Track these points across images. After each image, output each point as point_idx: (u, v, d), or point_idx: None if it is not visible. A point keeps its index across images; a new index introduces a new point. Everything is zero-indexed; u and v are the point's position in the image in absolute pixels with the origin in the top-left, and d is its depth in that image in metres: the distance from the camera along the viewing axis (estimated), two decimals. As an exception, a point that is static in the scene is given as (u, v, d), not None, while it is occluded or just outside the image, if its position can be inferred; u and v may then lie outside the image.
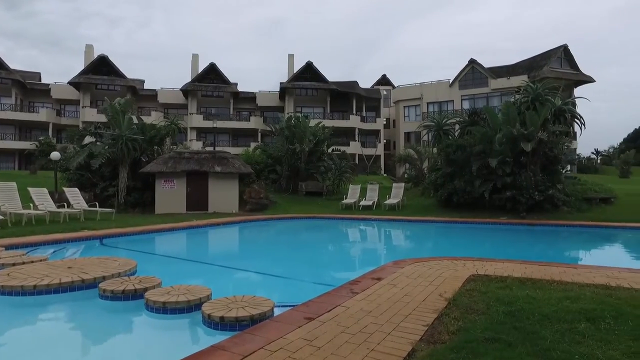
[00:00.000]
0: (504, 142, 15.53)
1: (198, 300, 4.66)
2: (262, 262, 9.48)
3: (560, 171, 16.40)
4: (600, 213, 15.29)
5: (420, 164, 25.40)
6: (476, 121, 19.37)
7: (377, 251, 11.90)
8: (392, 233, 15.45)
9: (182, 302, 4.60)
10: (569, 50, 43.37)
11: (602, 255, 10.73)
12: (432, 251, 11.43)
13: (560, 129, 16.37)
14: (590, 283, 5.42)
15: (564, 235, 13.34)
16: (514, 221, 14.68)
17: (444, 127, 21.75)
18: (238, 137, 49.62)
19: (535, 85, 18.17)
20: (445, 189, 17.05)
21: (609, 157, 55.63)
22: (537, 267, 6.44)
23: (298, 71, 48.41)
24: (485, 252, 10.69)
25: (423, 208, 18.49)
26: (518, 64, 45.94)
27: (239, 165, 20.10)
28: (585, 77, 43.13)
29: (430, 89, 48.62)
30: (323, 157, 25.58)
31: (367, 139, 52.04)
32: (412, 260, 6.94)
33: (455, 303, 4.50)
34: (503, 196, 15.37)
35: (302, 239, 14.22)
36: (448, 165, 17.40)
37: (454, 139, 19.18)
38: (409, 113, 51.00)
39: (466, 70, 46.23)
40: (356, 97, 50.23)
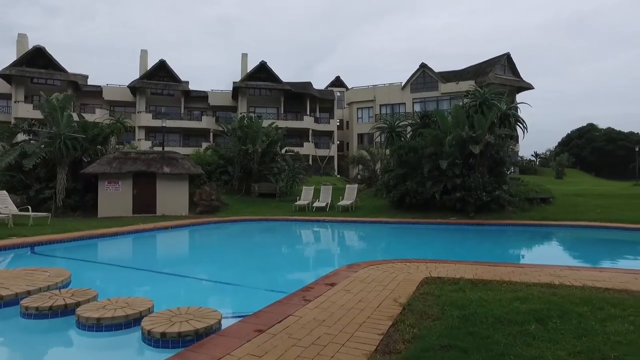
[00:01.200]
0: (454, 144, 15.97)
1: (138, 315, 4.27)
2: (211, 268, 9.06)
3: (506, 173, 17.11)
4: (541, 212, 16.07)
5: (373, 165, 25.69)
6: (427, 124, 19.82)
7: (331, 254, 11.73)
8: (345, 235, 15.42)
9: (120, 317, 4.20)
10: (511, 58, 45.68)
11: (545, 253, 11.24)
12: (385, 253, 11.43)
13: (506, 133, 17.08)
14: (536, 282, 5.56)
15: (509, 234, 13.88)
16: (464, 221, 15.11)
17: (396, 129, 22.11)
18: (189, 137, 48.14)
19: (482, 90, 18.87)
20: (398, 190, 17.29)
21: (546, 160, 59.17)
22: (487, 268, 6.55)
23: (252, 71, 47.69)
24: (438, 253, 10.89)
25: (376, 209, 18.65)
26: (465, 69, 47.75)
27: (189, 166, 19.37)
28: (526, 84, 45.59)
29: (383, 91, 49.49)
30: (276, 158, 25.26)
31: (321, 140, 52.17)
32: (366, 264, 6.86)
33: (410, 308, 4.42)
34: (453, 197, 15.78)
35: (254, 242, 13.84)
36: (400, 167, 17.66)
37: (406, 141, 19.52)
38: (362, 115, 51.65)
39: (417, 74, 47.47)
40: (310, 98, 50.22)
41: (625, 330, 3.75)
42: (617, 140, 62.59)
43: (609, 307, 4.42)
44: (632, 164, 53.62)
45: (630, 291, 5.20)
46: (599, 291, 5.19)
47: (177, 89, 46.38)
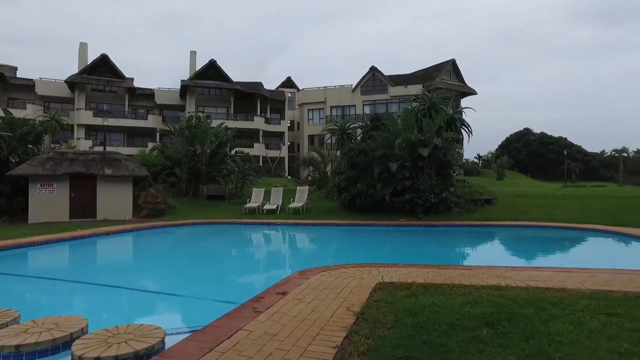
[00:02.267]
0: (404, 147, 16.28)
1: (68, 337, 3.82)
2: (156, 277, 8.50)
3: (453, 175, 17.69)
4: (485, 213, 16.75)
5: (324, 167, 25.72)
6: (377, 126, 20.10)
7: (282, 260, 11.45)
8: (297, 238, 15.25)
9: (45, 341, 3.70)
10: (456, 64, 47.58)
11: (491, 254, 11.63)
12: (337, 257, 11.35)
13: (452, 136, 17.66)
14: (484, 285, 5.68)
15: (457, 235, 14.31)
16: (413, 223, 15.43)
17: (347, 131, 22.26)
18: (134, 137, 45.98)
19: (430, 95, 19.42)
20: (349, 192, 17.38)
21: (487, 162, 62.24)
22: (437, 271, 6.64)
23: (201, 69, 46.35)
24: (389, 256, 10.99)
25: (327, 211, 18.64)
26: (414, 73, 49.14)
27: (133, 167, 18.40)
28: (470, 89, 47.68)
29: (333, 93, 49.84)
30: (226, 159, 24.64)
31: (272, 141, 51.70)
32: (318, 270, 6.73)
33: (364, 317, 4.33)
34: (403, 199, 16.07)
35: (202, 248, 13.29)
36: (351, 169, 17.77)
37: (357, 143, 19.69)
38: (313, 116, 51.74)
39: (367, 76, 48.24)
40: (261, 99, 49.61)
41: (566, 330, 3.89)
42: (549, 144, 67.05)
43: (550, 307, 4.58)
44: (561, 166, 57.68)
45: (566, 290, 5.45)
46: (541, 291, 5.39)
47: (120, 85, 44.11)
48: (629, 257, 10.40)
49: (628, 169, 63.13)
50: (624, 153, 69.97)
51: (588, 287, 5.65)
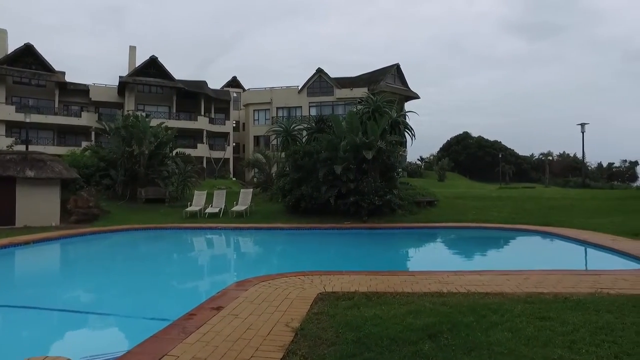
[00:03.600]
0: (348, 149, 16.29)
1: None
2: (77, 293, 7.57)
3: (396, 178, 17.97)
4: (427, 214, 17.16)
5: (269, 169, 25.30)
6: (323, 128, 20.03)
7: (221, 268, 10.80)
8: (239, 244, 14.72)
9: None
10: (400, 69, 48.88)
11: (433, 257, 11.71)
12: (280, 264, 10.96)
13: (396, 139, 17.94)
14: (427, 292, 5.63)
15: (400, 238, 14.48)
16: (357, 225, 15.44)
17: (292, 132, 22.01)
18: (66, 135, 42.97)
19: (375, 98, 19.63)
20: (293, 195, 17.13)
21: (430, 164, 64.55)
22: (381, 278, 6.53)
23: (141, 65, 44.17)
24: (333, 261, 10.84)
25: (271, 214, 18.27)
26: (359, 76, 49.87)
27: (60, 169, 16.98)
28: (413, 93, 49.16)
29: (280, 94, 49.43)
30: (166, 160, 23.51)
31: (216, 141, 50.38)
32: (257, 280, 6.39)
33: (303, 333, 4.08)
34: (347, 201, 16.07)
35: (135, 256, 12.31)
36: (296, 171, 17.54)
37: (302, 145, 19.50)
38: (259, 117, 51.06)
39: (314, 78, 48.32)
40: (205, 98, 48.20)
41: (505, 338, 3.87)
42: (486, 147, 70.80)
43: (490, 314, 4.58)
44: (496, 168, 61.11)
45: (504, 294, 5.53)
46: (481, 296, 5.42)
47: (49, 79, 41.00)
48: (557, 256, 10.99)
49: (552, 171, 68.19)
50: (549, 156, 75.51)
51: (523, 289, 5.77)
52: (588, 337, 3.87)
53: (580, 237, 11.31)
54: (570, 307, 4.83)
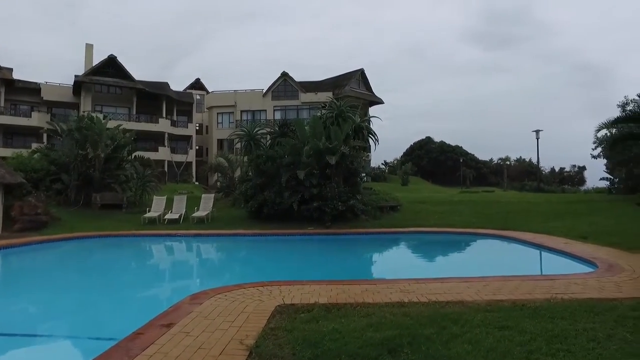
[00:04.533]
0: (312, 154, 16.16)
1: None
2: (9, 312, 6.62)
3: (360, 183, 17.97)
4: (391, 220, 17.25)
5: (231, 173, 24.80)
6: (286, 133, 19.82)
7: (176, 280, 10.16)
8: (198, 253, 14.21)
9: None
10: (365, 74, 49.39)
11: (396, 264, 11.71)
12: (240, 273, 10.54)
13: (360, 144, 17.97)
14: (388, 302, 5.53)
15: (363, 243, 14.45)
16: (321, 231, 15.31)
17: (255, 136, 21.67)
18: (13, 136, 40.65)
19: (339, 102, 19.63)
20: (256, 200, 16.81)
21: (393, 168, 65.53)
22: (341, 288, 6.39)
23: (98, 64, 42.44)
24: (296, 268, 10.62)
25: (234, 220, 17.86)
26: (324, 81, 50.02)
27: (2, 173, 15.90)
28: (377, 98, 49.77)
29: (244, 97, 48.83)
30: (124, 164, 22.58)
31: (178, 144, 49.16)
32: (213, 292, 6.10)
33: (258, 351, 3.86)
34: (310, 207, 15.91)
35: (83, 267, 11.43)
36: (258, 176, 17.24)
37: (265, 150, 19.21)
38: (223, 120, 50.26)
39: (279, 82, 48.05)
40: (167, 100, 46.92)
41: (464, 351, 3.82)
42: (448, 152, 72.68)
43: (451, 324, 4.52)
44: (458, 172, 62.84)
45: (465, 302, 5.51)
46: (442, 306, 5.37)
47: (-6, 76, 38.70)
48: (515, 260, 11.22)
49: (510, 175, 70.83)
50: (507, 161, 78.44)
51: (483, 297, 5.79)
52: (544, 346, 3.88)
53: (536, 241, 11.65)
54: (528, 315, 4.86)
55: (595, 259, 8.74)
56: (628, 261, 8.50)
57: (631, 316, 4.84)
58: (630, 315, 4.89)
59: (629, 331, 4.31)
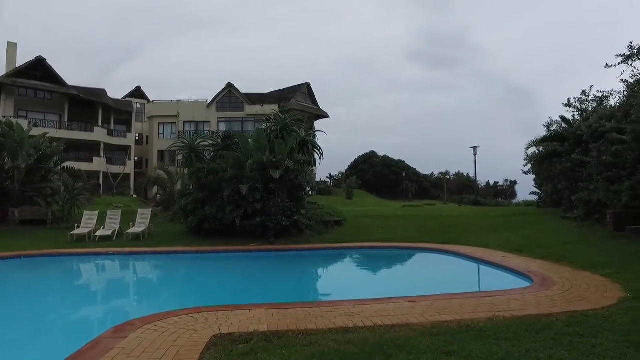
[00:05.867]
0: (255, 168, 15.71)
1: None
2: None
3: (304, 197, 17.70)
4: (335, 235, 17.09)
5: (171, 187, 23.65)
6: (229, 145, 19.22)
7: (101, 307, 8.84)
8: (130, 274, 13.11)
9: None
10: (310, 88, 49.71)
11: (339, 281, 11.35)
12: (175, 297, 9.55)
13: (304, 158, 17.75)
14: (332, 327, 5.25)
15: (308, 259, 14.10)
16: (264, 247, 14.81)
17: (197, 149, 20.82)
18: None
19: (284, 116, 19.37)
20: (196, 216, 16.02)
21: (338, 182, 66.20)
22: (284, 312, 6.02)
23: (24, 66, 39.35)
24: (236, 288, 10.07)
25: (172, 236, 16.90)
26: (270, 93, 49.73)
27: None
28: (322, 112, 50.17)
29: (187, 107, 47.39)
30: (50, 176, 20.81)
31: (116, 155, 46.66)
32: (142, 322, 5.50)
33: (186, 396, 3.41)
34: (254, 222, 15.40)
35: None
36: (199, 190, 16.46)
37: (207, 163, 18.46)
38: (164, 130, 48.39)
39: (224, 93, 47.13)
40: (103, 107, 44.48)
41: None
42: (391, 166, 74.76)
43: (397, 352, 4.33)
44: (401, 186, 64.66)
45: (411, 325, 5.36)
46: (387, 330, 5.18)
47: None
48: (458, 276, 11.37)
49: (450, 189, 73.97)
50: (447, 176, 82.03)
51: (428, 318, 5.67)
52: (491, 372, 3.77)
53: (476, 255, 11.93)
54: (473, 337, 4.79)
55: (530, 273, 9.03)
56: (558, 273, 8.87)
57: (567, 333, 4.96)
58: (566, 332, 5.00)
59: (566, 349, 4.39)
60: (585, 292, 7.23)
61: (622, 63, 14.53)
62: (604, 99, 21.85)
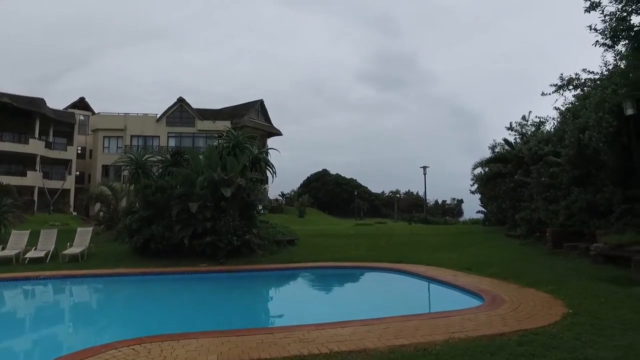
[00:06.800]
0: (206, 186, 15.19)
1: None
2: None
3: (256, 216, 17.29)
4: (288, 254, 16.75)
5: (115, 204, 22.39)
6: (179, 162, 18.54)
7: (26, 342, 7.49)
8: (63, 300, 11.89)
9: None
10: (264, 105, 49.58)
11: (294, 303, 10.84)
12: (115, 326, 8.71)
13: (257, 176, 17.42)
14: (286, 356, 5.00)
15: (260, 280, 13.64)
16: (214, 268, 14.22)
17: (144, 164, 19.89)
18: None
19: (236, 133, 19.02)
20: (142, 235, 15.15)
21: (291, 200, 65.88)
22: (234, 341, 5.66)
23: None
24: (184, 313, 9.48)
25: (116, 257, 15.85)
26: (223, 109, 49.04)
27: None
28: (275, 130, 50.07)
29: (136, 121, 45.67)
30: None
31: (54, 169, 43.88)
32: (74, 358, 4.94)
33: None
34: (203, 242, 14.80)
35: None
36: (146, 208, 15.63)
37: (155, 179, 17.65)
38: (110, 144, 46.27)
39: (175, 107, 45.96)
40: (41, 118, 41.85)
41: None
42: (343, 184, 75.49)
43: (354, 381, 4.14)
44: (353, 204, 65.34)
45: (368, 351, 5.21)
46: (344, 357, 5.02)
47: None
48: (412, 296, 11.38)
49: (400, 207, 75.73)
50: (398, 194, 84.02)
51: (385, 342, 5.55)
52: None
53: (428, 274, 12.06)
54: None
55: (481, 291, 9.21)
56: (506, 291, 9.12)
57: (520, 353, 5.04)
58: (519, 351, 5.08)
59: (520, 371, 4.41)
60: (533, 309, 7.44)
61: (554, 92, 15.60)
62: (540, 124, 23.34)
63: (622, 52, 12.47)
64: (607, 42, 11.56)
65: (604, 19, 11.03)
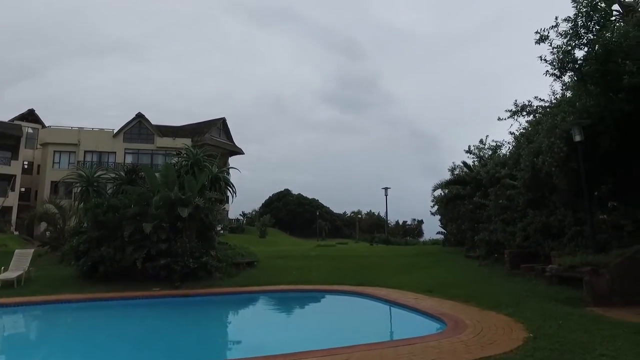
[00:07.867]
0: (161, 205, 14.52)
1: None
2: None
3: (215, 237, 16.67)
4: (247, 277, 16.15)
5: (63, 224, 21.03)
6: (134, 179, 17.71)
7: None
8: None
9: None
10: (226, 123, 48.97)
11: (248, 333, 10.12)
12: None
13: (216, 196, 16.88)
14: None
15: (216, 305, 12.98)
16: (169, 292, 13.46)
17: (95, 181, 18.85)
18: None
19: (195, 151, 18.47)
20: (90, 257, 14.18)
21: (252, 219, 64.82)
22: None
23: None
24: (133, 345, 8.76)
25: (60, 281, 14.72)
26: (184, 127, 47.99)
27: None
28: (237, 148, 49.45)
29: (90, 135, 43.79)
30: None
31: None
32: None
33: None
34: (157, 264, 14.04)
35: None
36: (96, 229, 14.71)
37: (106, 198, 16.72)
38: (61, 159, 43.97)
39: (133, 123, 44.53)
40: (-18, 130, 39.23)
41: None
42: (305, 204, 75.31)
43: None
44: (314, 224, 65.09)
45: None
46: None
47: None
48: (374, 321, 11.09)
49: (362, 228, 76.14)
50: (359, 215, 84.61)
51: (347, 375, 5.25)
52: None
53: (390, 298, 11.88)
54: (395, 397, 4.43)
55: (443, 315, 9.13)
56: (468, 315, 9.08)
57: (484, 382, 4.85)
58: (483, 381, 4.90)
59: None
60: (495, 334, 7.39)
61: (509, 117, 16.19)
62: (497, 148, 24.16)
63: (567, 82, 13.12)
64: (556, 73, 12.10)
65: (552, 51, 11.55)
